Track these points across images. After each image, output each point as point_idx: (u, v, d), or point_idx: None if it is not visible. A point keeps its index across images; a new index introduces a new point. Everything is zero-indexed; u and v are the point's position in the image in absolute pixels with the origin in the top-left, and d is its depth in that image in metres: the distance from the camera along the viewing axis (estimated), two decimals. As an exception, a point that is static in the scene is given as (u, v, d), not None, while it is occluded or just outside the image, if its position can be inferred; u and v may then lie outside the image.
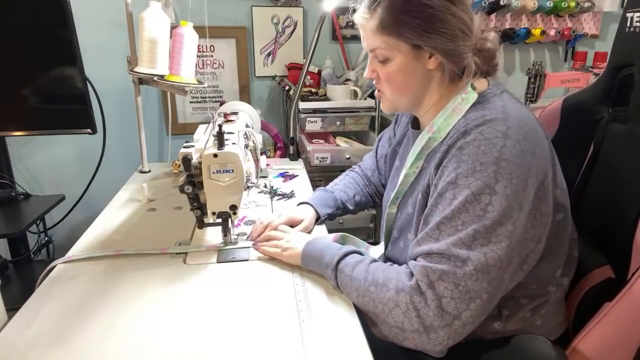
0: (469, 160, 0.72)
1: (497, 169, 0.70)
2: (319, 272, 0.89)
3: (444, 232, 0.73)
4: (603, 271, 0.87)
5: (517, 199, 0.71)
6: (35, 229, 1.67)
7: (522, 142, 0.72)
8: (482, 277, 0.69)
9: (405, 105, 0.90)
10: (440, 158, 0.77)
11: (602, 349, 0.81)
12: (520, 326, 0.83)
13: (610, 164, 0.93)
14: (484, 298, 0.70)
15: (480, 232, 0.70)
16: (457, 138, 0.75)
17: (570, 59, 2.35)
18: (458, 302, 0.69)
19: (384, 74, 0.86)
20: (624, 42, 0.92)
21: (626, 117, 0.90)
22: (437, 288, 0.70)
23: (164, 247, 1.00)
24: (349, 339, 0.73)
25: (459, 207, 0.71)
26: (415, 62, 0.82)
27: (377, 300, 0.76)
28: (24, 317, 0.78)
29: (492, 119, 0.74)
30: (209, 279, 0.89)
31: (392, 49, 0.82)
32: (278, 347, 0.71)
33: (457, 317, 0.69)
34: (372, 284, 0.77)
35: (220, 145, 0.87)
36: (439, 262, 0.71)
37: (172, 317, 0.77)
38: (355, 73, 2.07)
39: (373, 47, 0.85)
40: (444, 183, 0.75)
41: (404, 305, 0.72)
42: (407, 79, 0.84)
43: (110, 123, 1.77)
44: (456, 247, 0.70)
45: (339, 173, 1.94)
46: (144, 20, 1.26)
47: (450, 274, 0.70)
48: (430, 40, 0.79)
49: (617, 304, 0.79)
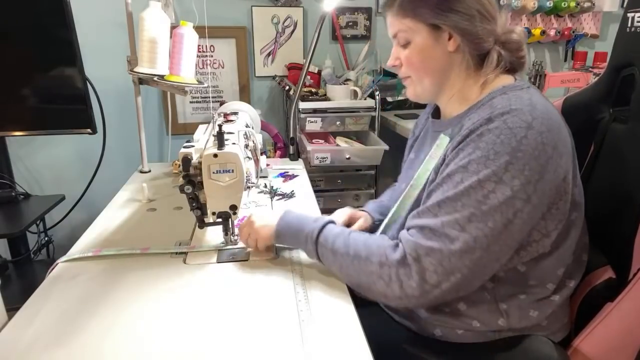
0: (484, 148, 0.73)
1: (510, 159, 0.71)
2: (293, 247, 0.92)
3: (443, 210, 0.75)
4: (603, 271, 0.87)
5: (525, 191, 0.72)
6: (35, 229, 1.67)
7: (544, 135, 0.73)
8: (465, 256, 0.72)
9: (428, 91, 0.89)
10: (459, 141, 0.78)
11: (604, 349, 0.81)
12: (526, 324, 0.82)
13: (611, 164, 0.93)
14: (464, 273, 0.73)
15: (476, 216, 0.72)
16: (480, 124, 0.76)
17: (570, 59, 2.35)
18: (440, 275, 0.73)
19: (405, 58, 0.87)
20: (625, 42, 0.92)
21: (627, 117, 0.90)
22: (423, 262, 0.74)
23: (164, 247, 1.00)
24: (349, 339, 0.73)
25: (462, 191, 0.73)
26: (434, 43, 0.83)
27: (361, 272, 0.80)
28: (24, 317, 0.78)
29: (518, 108, 0.74)
30: (209, 279, 0.89)
31: (411, 31, 0.84)
32: (278, 347, 0.71)
33: (436, 287, 0.74)
34: (355, 258, 0.81)
35: (220, 145, 0.87)
36: (429, 239, 0.74)
37: (172, 317, 0.77)
38: (355, 73, 2.07)
39: (395, 32, 0.87)
40: (456, 166, 0.76)
41: (387, 277, 0.77)
42: (427, 60, 0.85)
43: (110, 123, 1.77)
44: (449, 227, 0.73)
45: (338, 173, 1.96)
46: (144, 20, 1.26)
47: (437, 251, 0.73)
48: (446, 19, 0.80)
49: (619, 304, 0.79)
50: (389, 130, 2.05)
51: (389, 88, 2.14)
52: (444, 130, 0.88)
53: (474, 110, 0.81)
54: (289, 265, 0.93)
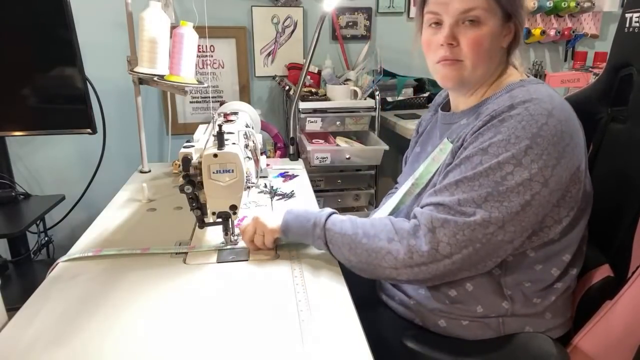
0: (505, 132, 0.75)
1: (530, 144, 0.73)
2: (299, 240, 0.93)
3: (460, 188, 0.77)
4: (602, 270, 0.88)
5: (542, 174, 0.73)
6: (35, 229, 1.67)
7: (563, 123, 0.75)
8: (479, 229, 0.74)
9: (475, 78, 0.86)
10: (480, 125, 0.79)
11: (603, 347, 0.81)
12: (529, 311, 0.83)
13: (609, 164, 0.93)
14: (477, 247, 0.75)
15: (493, 196, 0.74)
16: (502, 110, 0.77)
17: (570, 59, 2.35)
18: (453, 247, 0.75)
19: (471, 37, 0.81)
20: (623, 42, 0.92)
21: (625, 117, 0.90)
22: (437, 234, 0.76)
23: (164, 247, 1.00)
24: (349, 338, 0.73)
25: (481, 172, 0.75)
26: (499, 32, 0.84)
27: (370, 249, 0.82)
28: (24, 317, 0.78)
29: (539, 98, 0.76)
30: (209, 279, 0.89)
31: (490, 11, 0.81)
32: (278, 346, 0.71)
33: (447, 257, 0.76)
34: (364, 237, 0.83)
35: (220, 145, 0.87)
36: (445, 213, 0.76)
37: (172, 317, 0.77)
38: (355, 73, 2.07)
39: (470, 7, 0.80)
40: (475, 149, 0.77)
41: (396, 251, 0.79)
42: (492, 46, 0.83)
43: (110, 123, 1.77)
44: (465, 204, 0.75)
45: (339, 173, 1.96)
46: (144, 20, 1.26)
47: (452, 223, 0.75)
48: (517, 13, 0.82)
49: (618, 302, 0.79)
50: (389, 130, 2.05)
51: (389, 88, 2.14)
52: (456, 121, 0.89)
53: (492, 101, 0.83)
54: (289, 265, 0.94)
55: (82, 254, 0.97)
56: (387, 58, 2.13)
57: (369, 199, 2.00)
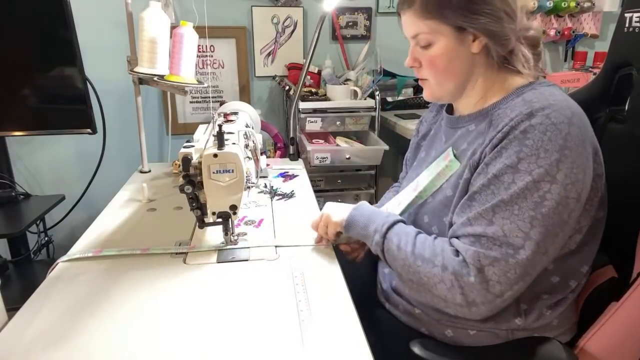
0: (533, 146, 0.71)
1: (560, 157, 0.70)
2: (360, 239, 0.91)
3: (499, 215, 0.72)
4: (605, 271, 0.88)
5: (576, 189, 0.71)
6: (35, 229, 1.67)
7: (582, 131, 0.73)
8: (530, 264, 0.71)
9: (448, 93, 0.88)
10: (500, 138, 0.75)
11: (610, 349, 0.80)
12: (540, 324, 0.82)
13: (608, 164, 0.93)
14: (527, 280, 0.73)
15: (537, 220, 0.70)
16: (520, 120, 0.73)
17: (570, 59, 2.35)
18: (504, 285, 0.71)
19: (426, 60, 0.84)
20: (623, 42, 0.92)
21: (624, 116, 0.90)
22: (486, 272, 0.72)
23: (164, 247, 1.00)
24: (348, 338, 0.73)
25: (517, 193, 0.71)
26: (458, 45, 0.81)
27: (423, 273, 0.78)
28: (24, 317, 0.78)
29: (556, 103, 0.73)
30: (209, 279, 0.89)
31: (435, 33, 0.81)
32: (278, 346, 0.71)
33: (499, 296, 0.72)
34: (419, 258, 0.79)
35: (220, 145, 0.87)
36: (490, 248, 0.72)
37: (172, 317, 0.77)
38: (355, 73, 2.07)
39: (415, 33, 0.83)
40: (503, 165, 0.73)
41: (449, 282, 0.74)
42: (451, 63, 0.83)
43: (110, 123, 1.77)
44: (512, 234, 0.71)
45: (338, 173, 1.96)
46: (144, 20, 1.26)
47: (502, 262, 0.71)
48: (474, 21, 0.78)
49: (625, 303, 0.78)
50: (389, 130, 2.05)
51: (389, 88, 2.14)
52: (463, 126, 0.87)
53: (502, 105, 0.80)
54: (289, 265, 0.94)
55: (82, 254, 0.97)
56: (387, 58, 2.13)
57: (369, 199, 2.00)
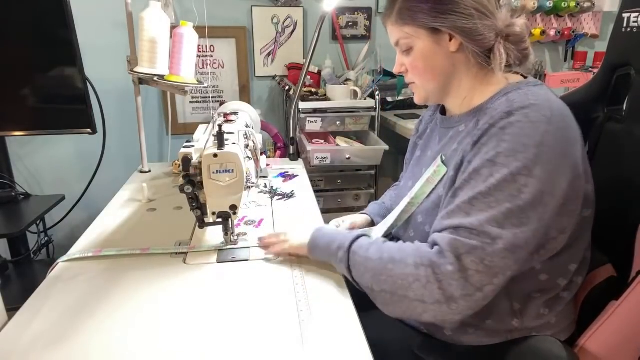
0: (511, 141, 0.72)
1: (538, 152, 0.71)
2: (325, 260, 0.90)
3: (476, 207, 0.72)
4: (605, 270, 0.87)
5: (551, 186, 0.72)
6: (35, 229, 1.67)
7: (563, 131, 0.73)
8: (509, 255, 0.70)
9: (435, 93, 0.90)
10: (479, 135, 0.76)
11: (610, 347, 0.80)
12: (539, 323, 0.82)
13: (607, 163, 0.93)
14: (507, 275, 0.72)
15: (513, 212, 0.70)
16: (500, 117, 0.75)
17: (570, 59, 2.35)
18: (483, 275, 0.70)
19: (409, 64, 0.88)
20: (621, 42, 0.92)
21: (623, 116, 0.90)
22: (464, 261, 0.70)
23: (164, 247, 1.00)
24: (349, 339, 0.73)
25: (495, 185, 0.72)
26: (435, 46, 0.83)
27: (396, 276, 0.75)
28: (24, 317, 0.78)
29: (537, 103, 0.74)
30: (209, 279, 0.89)
31: (411, 37, 0.84)
32: (278, 347, 0.71)
33: (479, 290, 0.71)
34: (389, 262, 0.77)
35: (220, 145, 0.87)
36: (468, 237, 0.71)
37: (172, 317, 0.77)
38: (355, 73, 2.08)
39: (396, 40, 0.88)
40: (482, 160, 0.74)
41: (424, 279, 0.72)
42: (430, 64, 0.85)
43: (110, 123, 1.77)
44: (488, 224, 0.71)
45: (338, 173, 1.96)
46: (144, 20, 1.26)
47: (480, 250, 0.70)
48: (445, 21, 0.80)
49: (625, 302, 0.78)
50: (389, 130, 2.05)
51: (389, 88, 2.14)
52: (454, 126, 0.89)
53: (489, 105, 0.81)
54: (289, 265, 0.94)
55: (82, 254, 0.97)
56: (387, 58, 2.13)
57: (369, 199, 2.00)
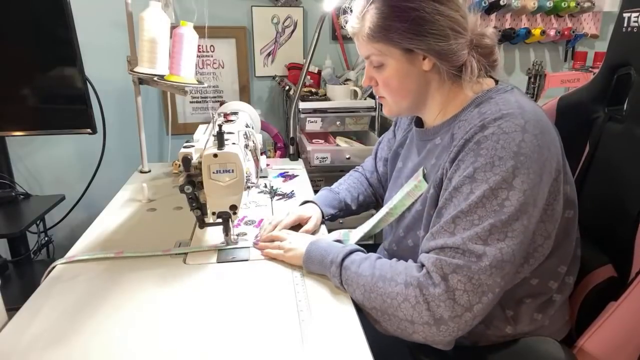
0: (487, 155, 0.72)
1: (515, 163, 0.70)
2: (320, 273, 0.89)
3: (460, 225, 0.72)
4: (605, 270, 0.87)
5: (532, 194, 0.71)
6: (35, 229, 1.67)
7: (539, 137, 0.72)
8: (496, 272, 0.70)
9: (406, 109, 0.90)
10: (457, 152, 0.76)
11: (609, 348, 0.80)
12: (532, 328, 0.82)
13: (607, 163, 0.93)
14: (496, 292, 0.71)
15: (497, 227, 0.70)
16: (474, 132, 0.74)
17: (570, 59, 2.35)
18: (471, 295, 0.70)
19: (380, 80, 0.86)
20: (621, 42, 0.92)
21: (623, 116, 0.90)
22: (450, 281, 0.70)
23: (164, 247, 1.00)
24: (349, 339, 0.73)
25: (475, 202, 0.71)
26: (409, 65, 0.82)
27: (385, 295, 0.75)
28: (24, 317, 0.78)
29: (509, 112, 0.73)
30: (209, 279, 0.89)
31: (384, 55, 0.83)
32: (278, 347, 0.71)
33: (468, 310, 0.70)
34: (380, 279, 0.77)
35: (220, 145, 0.87)
36: (453, 257, 0.71)
37: (172, 317, 0.77)
38: (355, 73, 2.07)
39: (367, 55, 0.86)
40: (461, 177, 0.74)
41: (413, 299, 0.72)
42: (403, 82, 0.84)
43: (110, 123, 1.77)
44: (472, 242, 0.70)
45: (338, 173, 1.96)
46: (144, 20, 1.26)
47: (465, 268, 0.70)
48: (420, 43, 0.79)
49: (624, 302, 0.78)
50: (389, 130, 2.04)
51: (389, 88, 2.14)
52: (431, 139, 0.88)
53: (462, 117, 0.81)
54: (289, 265, 0.94)
55: (81, 256, 0.97)
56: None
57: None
